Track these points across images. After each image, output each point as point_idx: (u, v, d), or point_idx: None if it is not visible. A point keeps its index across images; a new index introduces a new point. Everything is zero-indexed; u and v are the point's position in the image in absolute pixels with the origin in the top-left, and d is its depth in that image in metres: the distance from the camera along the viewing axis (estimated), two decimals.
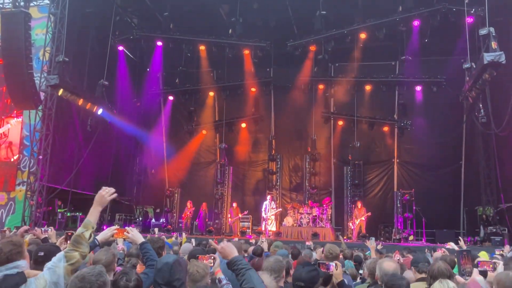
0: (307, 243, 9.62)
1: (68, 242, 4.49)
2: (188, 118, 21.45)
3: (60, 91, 15.01)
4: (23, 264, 2.84)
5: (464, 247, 6.67)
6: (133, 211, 20.90)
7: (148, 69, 21.82)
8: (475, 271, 3.68)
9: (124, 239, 4.41)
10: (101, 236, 4.01)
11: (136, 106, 21.55)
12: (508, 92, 14.37)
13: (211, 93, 21.33)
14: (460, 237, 8.31)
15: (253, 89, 20.60)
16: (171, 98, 21.46)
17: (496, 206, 16.56)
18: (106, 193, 3.21)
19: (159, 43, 19.37)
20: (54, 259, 2.89)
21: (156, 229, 12.69)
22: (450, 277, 3.71)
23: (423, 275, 4.17)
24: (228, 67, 19.96)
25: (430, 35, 16.89)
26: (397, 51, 18.73)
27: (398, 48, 18.50)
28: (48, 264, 2.85)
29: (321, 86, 20.22)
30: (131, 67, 20.67)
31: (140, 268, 3.79)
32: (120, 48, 19.66)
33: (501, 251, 8.01)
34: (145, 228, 18.13)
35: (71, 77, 15.71)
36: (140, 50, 21.09)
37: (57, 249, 3.67)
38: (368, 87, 19.59)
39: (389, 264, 3.87)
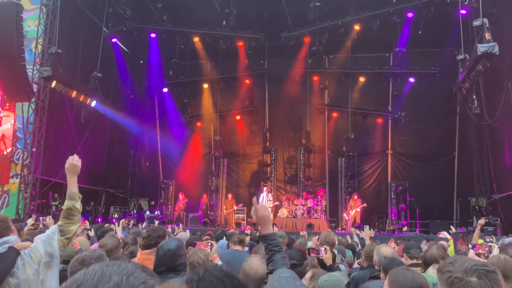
0: (301, 233, 9.70)
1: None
2: (182, 110, 21.39)
3: (53, 83, 14.88)
4: (13, 239, 2.86)
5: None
6: (128, 204, 20.90)
7: (141, 61, 21.73)
8: (471, 251, 3.74)
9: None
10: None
11: (130, 98, 21.44)
12: (501, 83, 14.47)
13: (205, 85, 21.27)
14: (451, 227, 8.40)
15: (247, 81, 20.57)
16: (165, 90, 21.34)
17: (489, 196, 16.69)
18: (75, 160, 3.27)
19: (153, 35, 19.28)
20: (48, 232, 2.91)
21: (156, 222, 12.71)
22: None
23: (414, 261, 4.25)
24: (222, 59, 19.88)
25: (424, 26, 16.94)
26: (390, 42, 18.76)
27: (392, 40, 18.53)
28: (42, 236, 2.87)
29: (315, 78, 20.23)
30: (125, 59, 20.54)
31: (140, 255, 3.79)
32: (114, 40, 19.53)
33: (491, 238, 8.11)
34: (139, 221, 18.12)
35: (64, 69, 15.58)
36: (133, 42, 20.99)
37: None
38: (362, 79, 19.64)
39: (386, 249, 3.94)
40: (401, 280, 2.38)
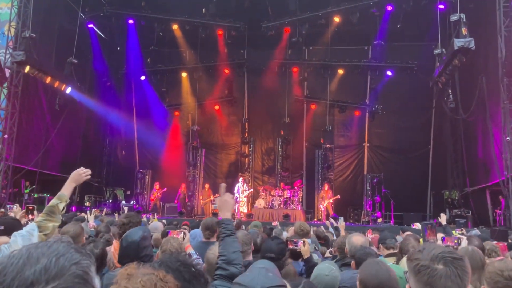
0: (273, 223, 9.70)
1: (30, 216, 4.41)
2: (160, 99, 21.11)
3: (27, 68, 14.51)
4: None
5: (444, 222, 6.93)
6: (103, 193, 20.62)
7: (119, 48, 21.34)
8: (439, 242, 3.80)
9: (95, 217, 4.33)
10: None
11: (107, 85, 21.04)
12: (476, 78, 14.71)
13: (184, 74, 21.01)
14: (442, 213, 8.55)
15: (226, 71, 20.43)
16: (142, 78, 21.01)
17: (461, 189, 17.05)
18: (84, 173, 3.24)
19: (131, 21, 18.95)
20: (27, 228, 2.87)
21: (126, 208, 12.52)
22: None
23: (391, 251, 4.28)
24: (201, 47, 19.66)
25: (403, 20, 17.07)
26: (370, 35, 18.88)
27: (371, 33, 18.65)
28: (22, 232, 2.81)
29: (294, 69, 20.21)
30: (102, 46, 20.11)
31: (117, 245, 3.73)
32: (90, 25, 19.12)
33: (461, 230, 8.30)
34: (115, 210, 17.91)
35: (38, 54, 15.16)
36: (110, 28, 20.55)
37: (17, 222, 3.59)
38: (340, 71, 19.70)
39: (357, 238, 3.97)
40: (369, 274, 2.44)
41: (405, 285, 2.67)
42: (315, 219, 18.13)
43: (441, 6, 14.94)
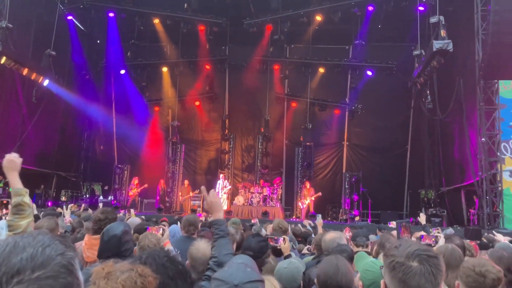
0: (252, 221, 9.77)
1: (4, 210, 4.33)
2: (139, 93, 20.88)
3: (3, 59, 14.16)
4: None
5: (424, 222, 7.07)
6: (80, 188, 20.32)
7: (98, 41, 21.01)
8: (413, 240, 3.87)
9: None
10: None
11: (85, 78, 20.69)
12: (453, 80, 14.97)
13: (164, 69, 20.83)
14: (421, 213, 8.71)
15: (207, 67, 20.33)
16: (122, 72, 20.71)
17: (437, 189, 17.35)
18: (14, 157, 2.94)
19: (111, 14, 18.66)
20: None
21: (100, 204, 12.35)
22: None
23: (360, 249, 4.36)
24: (183, 42, 19.55)
25: (384, 21, 17.25)
26: (351, 35, 19.01)
27: (352, 33, 18.79)
28: None
29: (276, 67, 20.24)
30: (81, 38, 19.77)
31: (88, 240, 3.68)
32: (69, 17, 18.77)
33: (437, 230, 8.46)
34: (92, 205, 17.68)
35: (15, 45, 14.81)
36: (90, 21, 20.20)
37: None
38: (321, 70, 19.83)
39: (330, 235, 4.02)
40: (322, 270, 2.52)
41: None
42: (294, 217, 18.23)
43: (421, 8, 15.14)
